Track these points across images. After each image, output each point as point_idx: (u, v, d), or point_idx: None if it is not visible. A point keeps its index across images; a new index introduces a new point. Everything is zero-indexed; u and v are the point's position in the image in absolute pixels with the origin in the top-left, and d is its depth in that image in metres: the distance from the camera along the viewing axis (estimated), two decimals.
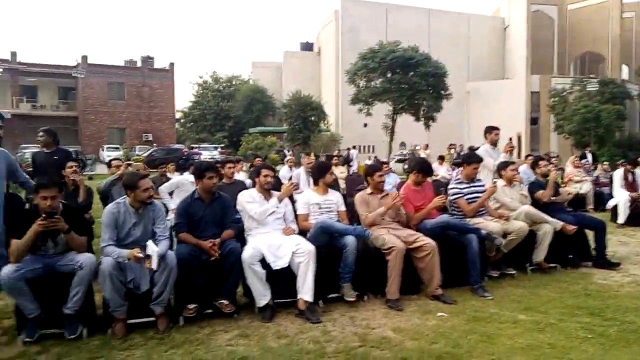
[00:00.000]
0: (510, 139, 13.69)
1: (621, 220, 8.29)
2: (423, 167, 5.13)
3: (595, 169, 11.86)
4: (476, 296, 4.45)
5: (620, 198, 8.44)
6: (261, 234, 4.28)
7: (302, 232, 4.47)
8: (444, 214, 4.95)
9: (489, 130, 6.82)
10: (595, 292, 4.60)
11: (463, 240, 4.66)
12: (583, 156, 12.84)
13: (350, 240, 4.21)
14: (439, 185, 7.24)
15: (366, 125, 31.85)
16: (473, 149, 9.54)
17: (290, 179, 7.68)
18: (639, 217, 8.28)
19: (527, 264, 5.28)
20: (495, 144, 6.80)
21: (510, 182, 5.64)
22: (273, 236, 4.27)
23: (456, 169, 11.41)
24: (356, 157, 23.68)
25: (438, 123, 27.97)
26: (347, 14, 36.94)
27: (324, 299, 4.28)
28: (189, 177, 5.93)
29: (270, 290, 4.02)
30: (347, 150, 26.30)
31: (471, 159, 5.44)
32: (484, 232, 4.74)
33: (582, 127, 24.42)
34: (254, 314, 4.04)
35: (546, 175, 6.02)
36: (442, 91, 26.80)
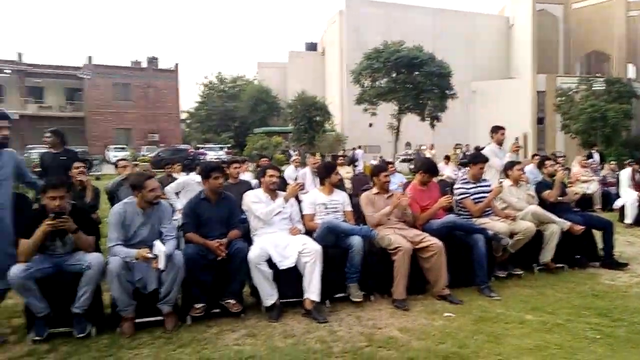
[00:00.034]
0: (517, 139, 13.67)
1: (629, 220, 8.26)
2: (429, 167, 5.14)
3: (602, 168, 11.81)
4: (483, 296, 4.45)
5: (628, 198, 8.40)
6: (267, 234, 4.30)
7: (308, 232, 4.48)
8: (450, 214, 4.95)
9: (495, 130, 6.82)
10: (603, 293, 4.59)
11: (469, 241, 4.66)
12: (590, 156, 12.81)
13: (356, 241, 4.22)
14: (445, 185, 7.21)
15: (371, 125, 31.74)
16: (479, 149, 9.53)
17: (296, 179, 7.70)
18: None
19: (534, 264, 5.27)
20: (501, 144, 6.79)
21: (516, 182, 5.63)
22: (279, 236, 4.28)
23: (462, 168, 11.41)
24: (362, 157, 23.64)
25: (443, 123, 27.86)
26: (351, 13, 36.80)
27: (331, 298, 4.29)
28: (195, 177, 5.95)
29: (277, 290, 4.04)
30: (353, 150, 26.28)
31: (477, 158, 5.45)
32: (490, 232, 4.74)
33: (589, 126, 24.26)
34: (260, 313, 4.06)
35: (553, 175, 6.00)
36: (447, 91, 26.69)
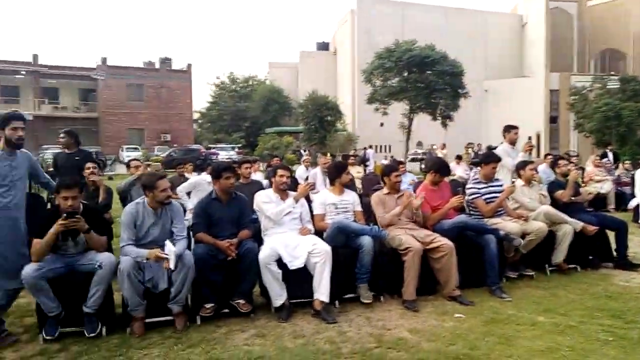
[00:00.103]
0: (530, 138, 13.56)
1: None
2: (440, 167, 5.10)
3: (617, 168, 11.66)
4: (494, 297, 4.41)
5: None
6: (277, 234, 4.30)
7: (319, 233, 4.48)
8: (461, 214, 4.92)
9: (508, 129, 6.75)
10: (617, 294, 4.52)
11: (481, 241, 4.62)
12: (604, 155, 12.65)
13: (366, 241, 4.21)
14: (456, 185, 7.17)
15: (382, 125, 31.67)
16: (491, 148, 9.45)
17: (307, 179, 7.70)
18: None
19: (547, 265, 5.21)
20: (514, 143, 6.72)
21: (529, 181, 5.57)
22: (289, 236, 4.28)
23: (474, 168, 11.32)
24: (373, 157, 23.61)
25: (455, 122, 27.69)
26: (363, 13, 36.76)
27: (340, 299, 4.28)
28: (206, 177, 5.97)
29: (287, 290, 4.04)
30: (364, 149, 26.24)
31: (489, 158, 5.39)
32: (502, 232, 4.69)
33: (603, 125, 23.90)
34: (270, 313, 4.06)
35: (566, 175, 5.93)
36: (460, 90, 26.53)
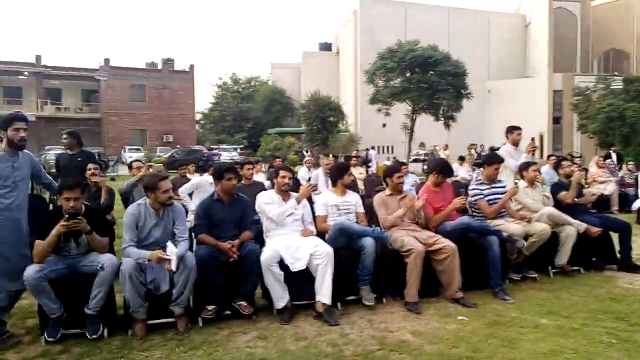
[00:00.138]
0: (533, 139, 13.52)
1: None
2: (443, 168, 5.08)
3: (620, 169, 11.61)
4: (497, 300, 4.39)
5: None
6: (280, 236, 4.29)
7: (321, 234, 4.47)
8: (464, 216, 4.90)
9: (511, 130, 6.72)
10: (621, 297, 4.49)
11: (484, 243, 4.60)
12: (608, 156, 12.60)
13: (368, 243, 4.19)
14: (459, 187, 7.16)
15: (385, 126, 31.64)
16: (494, 150, 9.43)
17: (309, 180, 7.69)
18: None
19: (550, 267, 5.18)
20: (517, 145, 6.69)
21: (532, 183, 5.55)
22: (292, 238, 4.27)
23: (477, 169, 11.29)
24: (375, 158, 23.57)
25: (458, 123, 27.62)
26: (365, 13, 36.75)
27: (343, 301, 4.26)
28: (208, 178, 5.97)
29: (289, 292, 4.03)
30: (366, 151, 26.20)
31: (492, 159, 5.37)
32: (505, 234, 4.67)
33: (607, 126, 23.81)
34: (272, 316, 4.05)
35: (569, 176, 5.91)
36: (462, 90, 26.48)
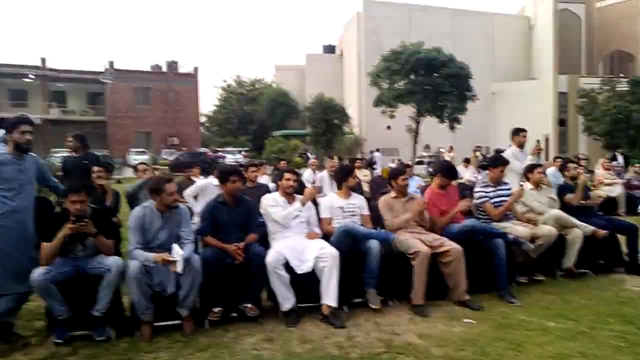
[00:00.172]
0: (538, 141, 13.44)
1: None
2: (447, 170, 5.08)
3: (627, 171, 11.56)
4: (504, 302, 4.37)
5: None
6: (285, 238, 4.29)
7: (325, 236, 4.46)
8: (470, 218, 4.88)
9: (516, 132, 6.70)
10: (629, 299, 4.47)
11: (490, 245, 4.58)
12: (613, 158, 12.55)
13: (373, 245, 4.19)
14: (464, 189, 7.13)
15: (389, 128, 31.61)
16: (499, 152, 9.39)
17: (314, 182, 7.69)
18: None
19: (557, 270, 5.16)
20: (522, 146, 6.67)
21: (537, 185, 5.53)
22: (297, 240, 4.27)
23: (482, 171, 11.26)
24: (380, 160, 23.55)
25: (463, 125, 27.55)
26: (369, 15, 36.70)
27: (349, 303, 4.26)
28: (213, 180, 5.98)
29: (295, 294, 4.02)
30: (371, 153, 26.19)
31: (497, 161, 5.36)
32: (511, 236, 4.65)
33: (612, 128, 23.74)
34: (278, 318, 4.05)
35: (575, 178, 5.89)
36: (467, 92, 26.44)
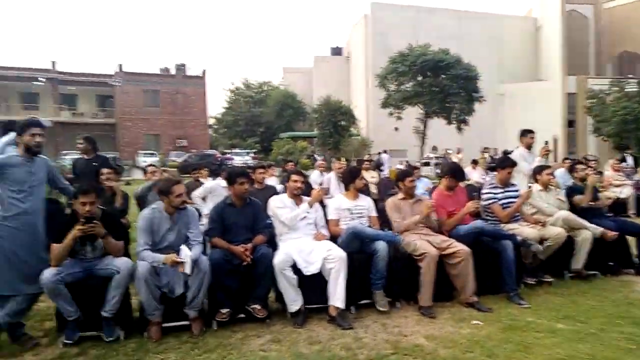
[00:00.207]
0: (546, 142, 13.34)
1: None
2: (455, 171, 5.07)
3: (636, 172, 11.45)
4: (512, 304, 4.35)
5: None
6: (292, 239, 4.30)
7: (333, 238, 4.47)
8: (477, 220, 4.87)
9: (524, 133, 6.68)
10: (638, 301, 4.43)
11: (498, 247, 4.57)
12: (623, 159, 12.42)
13: (381, 246, 4.19)
14: (472, 190, 7.11)
15: (397, 129, 31.57)
16: (507, 153, 9.35)
17: (321, 184, 7.70)
18: None
19: (566, 271, 5.13)
20: (530, 148, 6.65)
21: (546, 186, 5.50)
22: (304, 241, 4.28)
23: (490, 173, 11.22)
24: (387, 162, 23.50)
25: (471, 126, 27.48)
26: (376, 17, 36.70)
27: (356, 305, 4.26)
28: (221, 182, 6.01)
29: (302, 295, 4.03)
30: (378, 154, 26.14)
31: (505, 163, 5.34)
32: (519, 238, 4.63)
33: (622, 129, 23.57)
34: (286, 319, 4.06)
35: (584, 180, 5.85)
36: (474, 94, 26.35)
